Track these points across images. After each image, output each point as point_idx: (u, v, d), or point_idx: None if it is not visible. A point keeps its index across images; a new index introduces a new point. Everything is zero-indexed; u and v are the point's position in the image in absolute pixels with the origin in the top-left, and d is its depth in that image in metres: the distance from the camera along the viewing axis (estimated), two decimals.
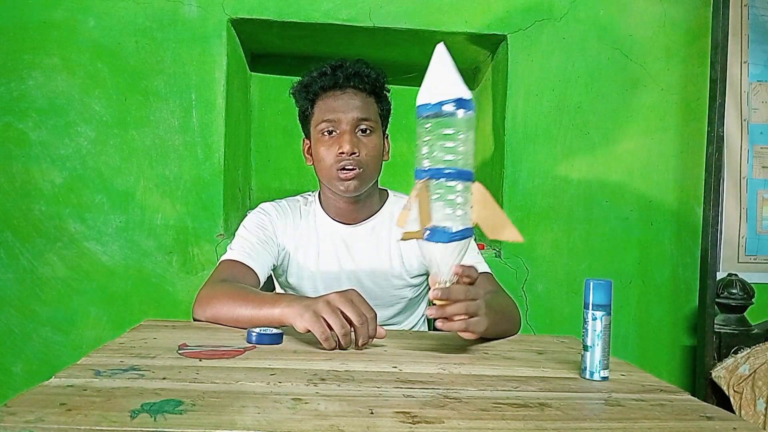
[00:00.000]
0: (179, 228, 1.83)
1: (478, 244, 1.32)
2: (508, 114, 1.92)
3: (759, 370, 1.73)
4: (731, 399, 1.76)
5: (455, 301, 0.88)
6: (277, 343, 0.92)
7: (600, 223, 1.95)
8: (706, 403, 0.75)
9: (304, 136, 1.31)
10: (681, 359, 1.99)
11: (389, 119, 1.31)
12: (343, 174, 1.19)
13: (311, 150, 1.26)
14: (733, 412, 1.71)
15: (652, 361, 1.96)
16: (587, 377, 0.82)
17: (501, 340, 1.06)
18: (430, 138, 0.84)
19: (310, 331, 0.89)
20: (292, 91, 1.29)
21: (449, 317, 0.88)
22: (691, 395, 0.78)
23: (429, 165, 0.84)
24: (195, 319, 1.09)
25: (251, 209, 1.34)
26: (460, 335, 0.92)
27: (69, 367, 0.73)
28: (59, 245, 1.80)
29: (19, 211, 1.79)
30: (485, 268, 1.24)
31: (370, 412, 0.63)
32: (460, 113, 0.83)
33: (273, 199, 1.33)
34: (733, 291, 1.87)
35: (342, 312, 0.88)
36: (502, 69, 1.97)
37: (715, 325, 1.86)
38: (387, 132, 1.30)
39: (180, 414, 0.59)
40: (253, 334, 0.92)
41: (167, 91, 1.81)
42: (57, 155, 1.79)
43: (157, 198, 1.82)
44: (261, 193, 2.20)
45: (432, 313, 0.88)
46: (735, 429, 0.64)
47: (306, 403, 0.64)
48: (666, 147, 1.96)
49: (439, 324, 0.89)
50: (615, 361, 0.89)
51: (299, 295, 1.10)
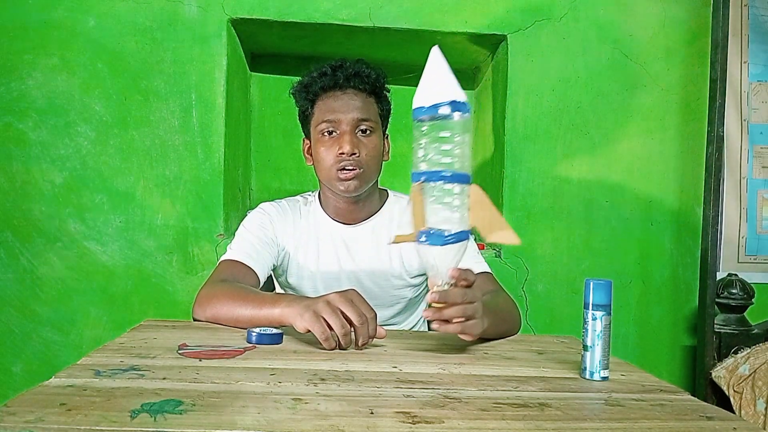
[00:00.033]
0: (179, 228, 1.83)
1: (478, 244, 1.32)
2: (508, 114, 1.92)
3: (759, 370, 1.73)
4: (731, 399, 1.76)
5: (452, 305, 0.88)
6: (277, 343, 0.92)
7: (600, 223, 1.95)
8: (706, 403, 0.75)
9: (304, 136, 1.31)
10: (681, 359, 1.99)
11: (389, 119, 1.31)
12: (343, 174, 1.19)
13: (311, 150, 1.26)
14: (733, 412, 1.71)
15: (652, 361, 1.96)
16: (587, 377, 0.82)
17: (501, 340, 1.06)
18: (426, 141, 0.84)
19: (310, 331, 0.89)
20: (292, 91, 1.29)
21: (446, 320, 0.89)
22: (691, 395, 0.78)
23: (425, 168, 0.84)
24: (195, 319, 1.09)
25: (251, 209, 1.34)
26: (458, 336, 0.92)
27: (69, 367, 0.73)
28: (59, 245, 1.80)
29: (19, 211, 1.79)
30: (485, 267, 1.24)
31: (370, 412, 0.63)
32: (455, 116, 0.83)
33: (273, 199, 1.33)
34: (733, 291, 1.87)
35: (342, 312, 0.88)
36: (502, 69, 1.97)
37: (715, 325, 1.86)
38: (387, 132, 1.30)
39: (180, 414, 0.59)
40: (253, 334, 0.92)
41: (167, 91, 1.81)
42: (57, 155, 1.79)
43: (157, 198, 1.82)
44: (261, 193, 2.20)
45: (428, 316, 0.88)
46: (735, 429, 0.64)
47: (306, 403, 0.64)
48: (666, 147, 1.96)
49: (435, 326, 0.89)
50: (615, 361, 0.89)
51: (299, 295, 1.10)
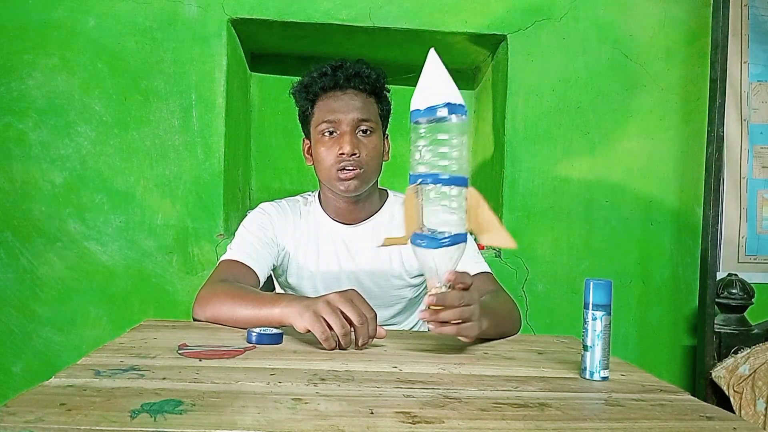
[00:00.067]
0: (179, 228, 1.83)
1: (478, 244, 1.32)
2: (508, 114, 1.92)
3: (759, 370, 1.73)
4: (731, 399, 1.76)
5: (449, 307, 0.88)
6: (277, 343, 0.92)
7: (600, 223, 1.95)
8: (706, 403, 0.74)
9: (304, 136, 1.31)
10: (681, 359, 1.99)
11: (389, 119, 1.31)
12: (344, 174, 1.19)
13: (311, 150, 1.26)
14: (733, 412, 1.71)
15: (652, 361, 1.96)
16: (587, 377, 0.82)
17: (501, 340, 1.06)
18: (423, 143, 0.84)
19: (310, 331, 0.89)
20: (292, 91, 1.28)
21: (442, 322, 0.89)
22: (691, 395, 0.78)
23: (423, 170, 0.83)
24: (195, 319, 1.09)
25: (251, 209, 1.34)
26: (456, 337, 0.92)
27: (69, 367, 0.73)
28: (59, 245, 1.80)
29: (19, 211, 1.79)
30: (485, 267, 1.24)
31: (370, 412, 0.63)
32: (453, 118, 0.83)
33: (273, 199, 1.33)
34: (733, 291, 1.87)
35: (342, 312, 0.88)
36: (502, 69, 1.97)
37: (715, 325, 1.86)
38: (387, 132, 1.30)
39: (180, 414, 0.59)
40: (253, 334, 0.92)
41: (167, 91, 1.81)
42: (57, 155, 1.79)
43: (157, 198, 1.82)
44: (261, 193, 2.20)
45: (425, 317, 0.88)
46: (735, 429, 0.64)
47: (306, 403, 0.64)
48: (666, 147, 1.96)
49: (431, 327, 0.89)
50: (615, 361, 0.89)
51: (299, 295, 1.10)
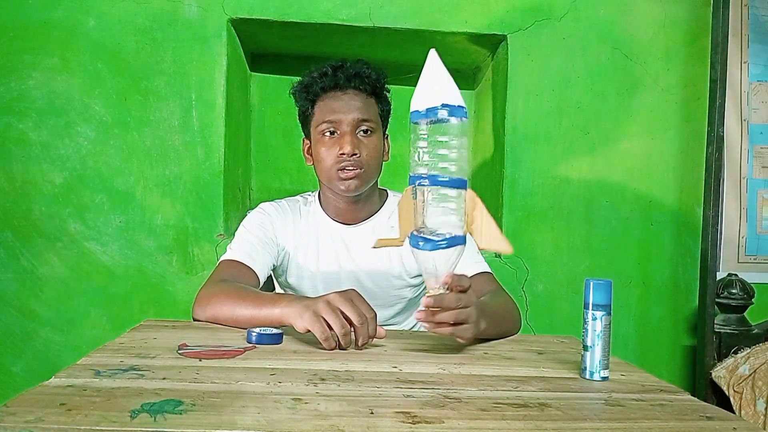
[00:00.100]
0: (179, 228, 1.83)
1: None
2: (508, 114, 1.92)
3: (759, 370, 1.73)
4: (731, 399, 1.76)
5: (446, 309, 0.88)
6: (277, 343, 0.92)
7: (600, 223, 1.95)
8: (706, 403, 0.74)
9: (303, 136, 1.31)
10: (681, 359, 1.99)
11: (389, 119, 1.31)
12: (344, 174, 1.19)
13: (311, 150, 1.26)
14: (733, 412, 1.71)
15: (652, 361, 1.96)
16: (587, 377, 0.82)
17: (501, 340, 1.06)
18: (423, 144, 0.83)
19: (309, 331, 0.89)
20: (292, 92, 1.28)
21: (437, 323, 0.89)
22: (691, 395, 0.78)
23: (422, 171, 0.83)
24: (195, 319, 1.09)
25: (251, 209, 1.34)
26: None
27: (69, 367, 0.73)
28: (59, 245, 1.80)
29: (19, 211, 1.79)
30: (485, 267, 1.24)
31: (370, 412, 0.63)
32: (453, 120, 0.82)
33: (273, 199, 1.33)
34: (733, 291, 1.87)
35: (342, 312, 0.88)
36: (502, 69, 1.97)
37: (715, 325, 1.86)
38: (387, 132, 1.30)
39: (180, 414, 0.59)
40: (253, 334, 0.92)
41: (167, 91, 1.81)
42: (57, 155, 1.79)
43: (157, 198, 1.82)
44: (261, 193, 2.20)
45: (421, 318, 0.88)
46: (735, 429, 0.64)
47: (306, 403, 0.64)
48: (666, 147, 1.96)
49: (426, 326, 0.89)
50: (615, 361, 0.89)
51: (299, 295, 1.10)
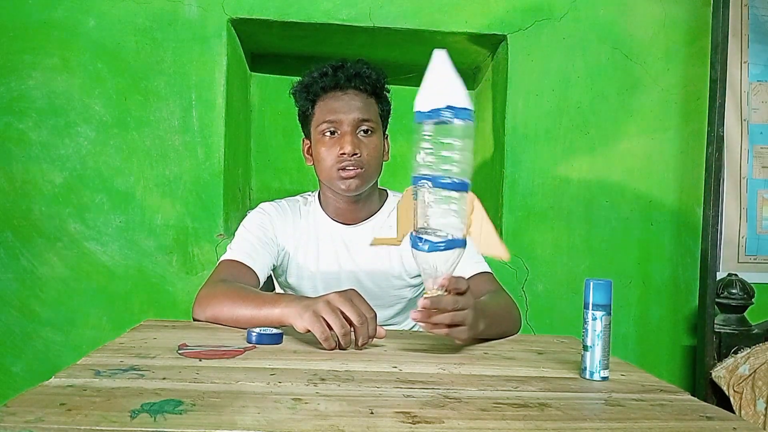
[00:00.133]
0: (179, 228, 1.83)
1: None
2: (508, 114, 1.92)
3: (759, 370, 1.73)
4: (731, 399, 1.76)
5: (443, 311, 0.88)
6: (277, 343, 0.92)
7: (600, 223, 1.95)
8: (706, 403, 0.74)
9: (304, 136, 1.31)
10: (681, 359, 1.99)
11: (389, 119, 1.31)
12: (345, 173, 1.19)
13: (311, 150, 1.26)
14: (733, 412, 1.71)
15: (652, 361, 1.96)
16: (587, 377, 0.82)
17: (501, 340, 1.06)
18: (426, 145, 0.83)
19: (309, 331, 0.89)
20: (292, 92, 1.28)
21: (433, 324, 0.89)
22: (691, 395, 0.78)
23: (424, 172, 0.83)
24: (195, 319, 1.09)
25: (251, 209, 1.34)
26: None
27: (69, 367, 0.73)
28: (59, 245, 1.80)
29: (19, 211, 1.79)
30: (485, 267, 1.24)
31: (370, 412, 0.63)
32: (457, 122, 0.81)
33: (273, 199, 1.33)
34: (733, 291, 1.87)
35: (342, 312, 0.88)
36: (502, 69, 1.97)
37: (715, 325, 1.86)
38: (387, 132, 1.30)
39: (180, 414, 0.59)
40: (253, 334, 0.92)
41: (167, 91, 1.81)
42: (57, 155, 1.79)
43: (157, 198, 1.82)
44: (261, 193, 2.20)
45: (417, 318, 0.89)
46: (735, 429, 0.64)
47: (306, 403, 0.64)
48: (666, 147, 1.96)
49: (422, 326, 0.90)
50: (615, 361, 0.89)
51: (299, 295, 1.10)
